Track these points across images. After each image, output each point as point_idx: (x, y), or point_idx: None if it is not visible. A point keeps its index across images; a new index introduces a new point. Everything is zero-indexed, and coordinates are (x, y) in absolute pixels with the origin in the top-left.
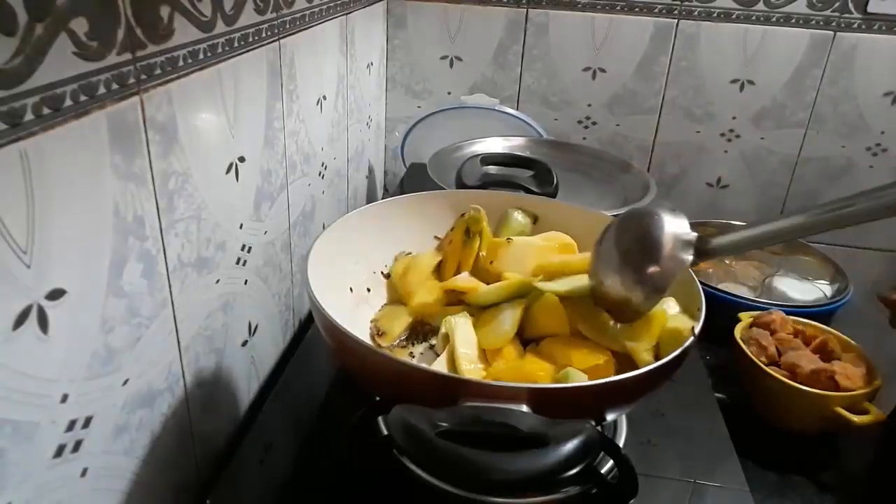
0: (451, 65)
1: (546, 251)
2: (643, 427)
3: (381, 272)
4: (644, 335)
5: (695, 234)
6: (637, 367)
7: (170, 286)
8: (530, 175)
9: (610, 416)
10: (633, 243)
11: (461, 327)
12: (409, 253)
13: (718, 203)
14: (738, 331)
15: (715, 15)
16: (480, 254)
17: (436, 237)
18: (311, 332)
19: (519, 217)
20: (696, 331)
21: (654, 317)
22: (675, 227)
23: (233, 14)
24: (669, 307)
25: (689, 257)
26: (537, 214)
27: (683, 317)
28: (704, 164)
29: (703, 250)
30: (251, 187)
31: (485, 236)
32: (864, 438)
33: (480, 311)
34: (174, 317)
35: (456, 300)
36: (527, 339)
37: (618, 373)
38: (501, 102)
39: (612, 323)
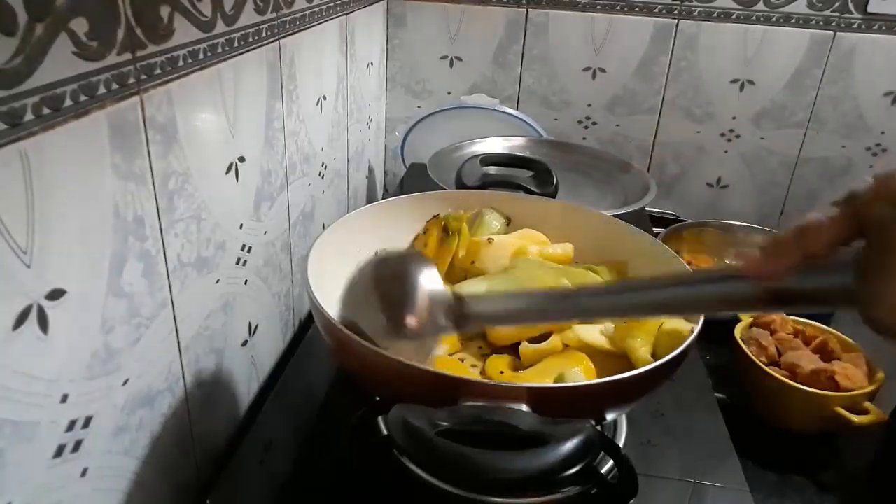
0: (451, 65)
1: (526, 250)
2: (643, 427)
3: None
4: (640, 332)
5: (451, 298)
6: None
7: (170, 286)
8: (530, 175)
9: (610, 416)
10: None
11: None
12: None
13: (718, 203)
14: (738, 331)
15: (715, 15)
16: (459, 254)
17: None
18: (311, 332)
19: (494, 221)
20: (696, 330)
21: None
22: (429, 284)
23: (233, 14)
24: None
25: (448, 326)
26: (510, 216)
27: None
28: (704, 164)
29: (461, 317)
30: (251, 187)
31: (463, 236)
32: (864, 438)
33: None
34: (174, 317)
35: None
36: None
37: (615, 373)
38: (501, 102)
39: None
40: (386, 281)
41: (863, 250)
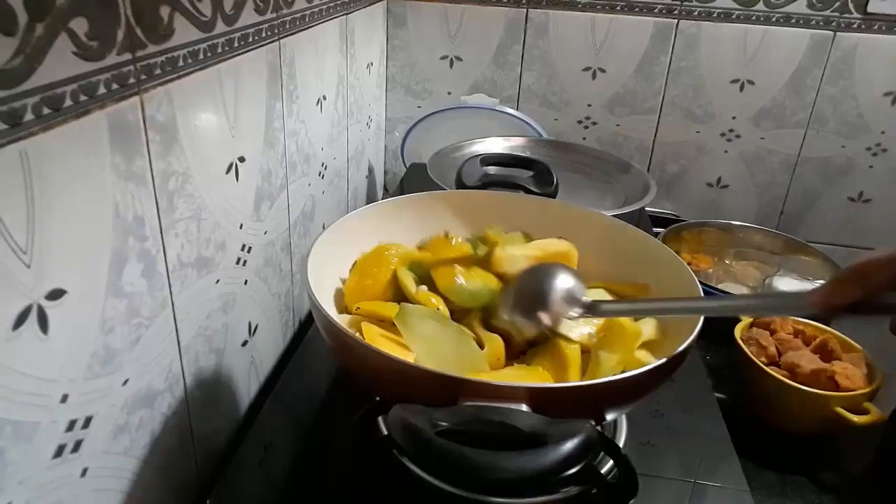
0: (451, 65)
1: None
2: (643, 427)
3: None
4: (618, 348)
5: (588, 299)
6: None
7: (170, 286)
8: (530, 175)
9: (610, 416)
10: (535, 288)
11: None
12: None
13: (718, 203)
14: (738, 331)
15: (715, 15)
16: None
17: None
18: (311, 332)
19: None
20: (696, 330)
21: (629, 331)
22: (570, 285)
23: (233, 14)
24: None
25: (575, 313)
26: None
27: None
28: (704, 164)
29: (590, 308)
30: (251, 187)
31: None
32: (864, 438)
33: None
34: (174, 317)
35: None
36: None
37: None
38: (501, 102)
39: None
40: (530, 280)
41: None
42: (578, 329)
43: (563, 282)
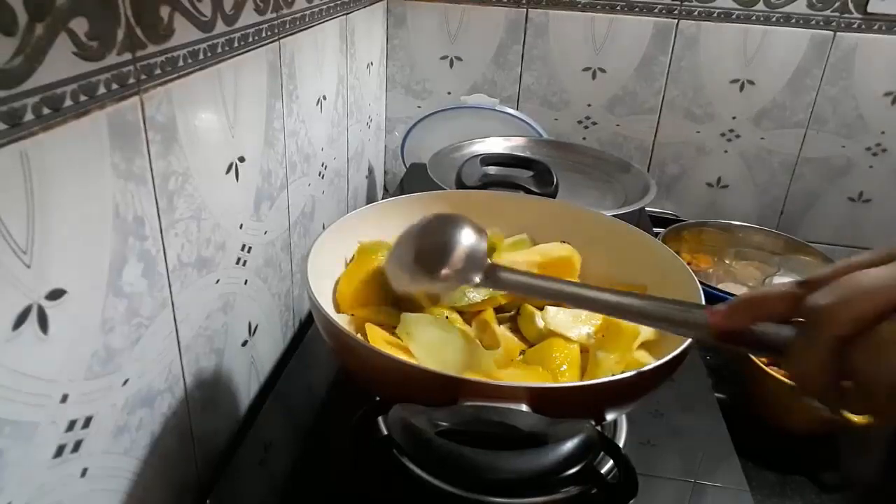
0: (451, 65)
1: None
2: (643, 427)
3: None
4: (616, 348)
5: (489, 262)
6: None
7: (170, 286)
8: (530, 175)
9: (610, 416)
10: (435, 243)
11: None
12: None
13: (718, 203)
14: None
15: (715, 15)
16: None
17: None
18: (311, 332)
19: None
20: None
21: (626, 331)
22: (474, 243)
23: (233, 14)
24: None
25: (477, 278)
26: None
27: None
28: (704, 164)
29: (491, 277)
30: (251, 187)
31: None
32: (864, 438)
33: None
34: (174, 317)
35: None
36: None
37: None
38: (501, 102)
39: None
40: (432, 232)
41: (796, 330)
42: (577, 329)
43: (467, 237)
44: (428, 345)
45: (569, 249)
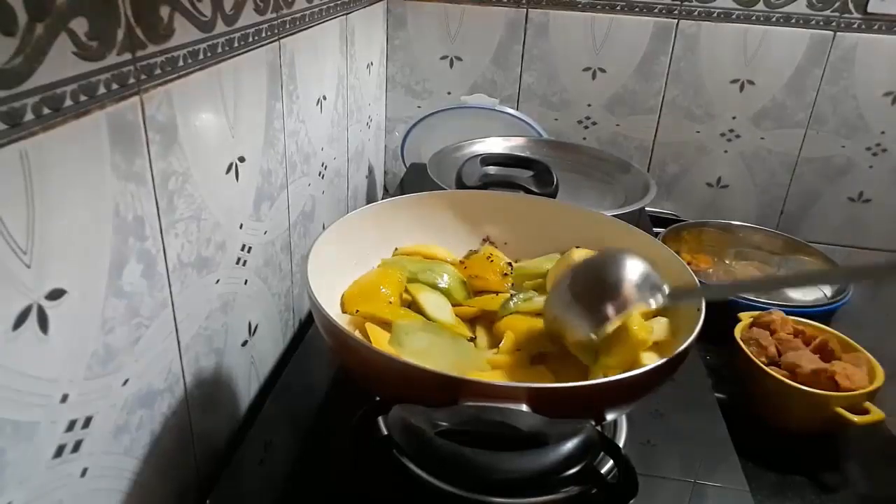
0: (451, 65)
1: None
2: (643, 427)
3: None
4: (617, 353)
5: (666, 286)
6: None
7: (170, 286)
8: (530, 175)
9: (610, 416)
10: (595, 282)
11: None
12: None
13: (718, 203)
14: (738, 331)
15: (715, 15)
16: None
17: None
18: (311, 332)
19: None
20: (697, 330)
21: (633, 338)
22: (642, 269)
23: (233, 14)
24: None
25: (654, 302)
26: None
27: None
28: (704, 164)
29: (677, 294)
30: (251, 187)
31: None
32: (864, 438)
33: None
34: (174, 317)
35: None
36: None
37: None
38: (501, 102)
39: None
40: (587, 277)
41: None
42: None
43: (634, 268)
44: (418, 351)
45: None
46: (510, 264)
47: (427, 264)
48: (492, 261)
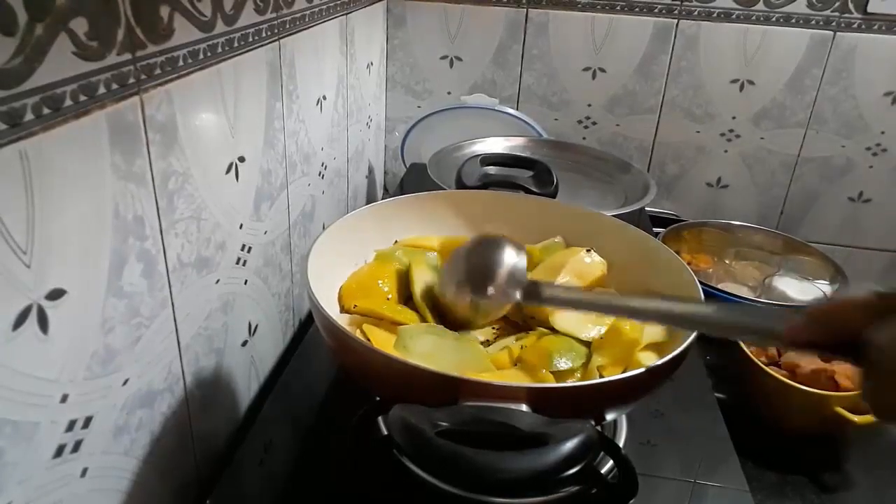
0: (451, 65)
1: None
2: (643, 427)
3: None
4: (609, 353)
5: (528, 280)
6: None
7: (170, 286)
8: (530, 175)
9: (610, 416)
10: (480, 265)
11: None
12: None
13: (718, 203)
14: None
15: (715, 15)
16: None
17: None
18: (311, 332)
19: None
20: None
21: (626, 337)
22: (515, 261)
23: (233, 14)
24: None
25: (517, 296)
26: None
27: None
28: (704, 164)
29: (532, 294)
30: (251, 187)
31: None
32: (864, 438)
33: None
34: (174, 317)
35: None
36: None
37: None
38: (501, 102)
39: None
40: (478, 253)
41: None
42: (587, 331)
43: (510, 257)
44: (424, 354)
45: (601, 267)
46: None
47: (422, 252)
48: None
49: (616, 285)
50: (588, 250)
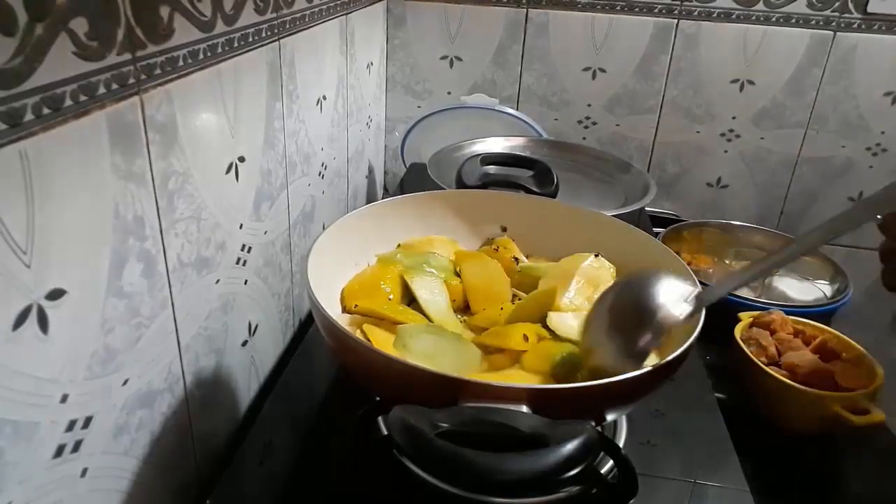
0: (451, 65)
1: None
2: (643, 427)
3: None
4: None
5: (697, 289)
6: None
7: (170, 286)
8: (530, 175)
9: (610, 416)
10: (631, 312)
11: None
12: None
13: (718, 203)
14: (738, 331)
15: (715, 15)
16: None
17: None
18: (311, 332)
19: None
20: (697, 330)
21: None
22: (673, 290)
23: (233, 14)
24: None
25: (687, 310)
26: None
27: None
28: (704, 164)
29: (701, 300)
30: (251, 187)
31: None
32: (865, 438)
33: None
34: (174, 317)
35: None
36: None
37: None
38: (501, 102)
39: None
40: (621, 305)
41: None
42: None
43: (667, 287)
44: (423, 354)
45: (609, 272)
46: (516, 259)
47: (422, 256)
48: (497, 250)
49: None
50: (596, 255)
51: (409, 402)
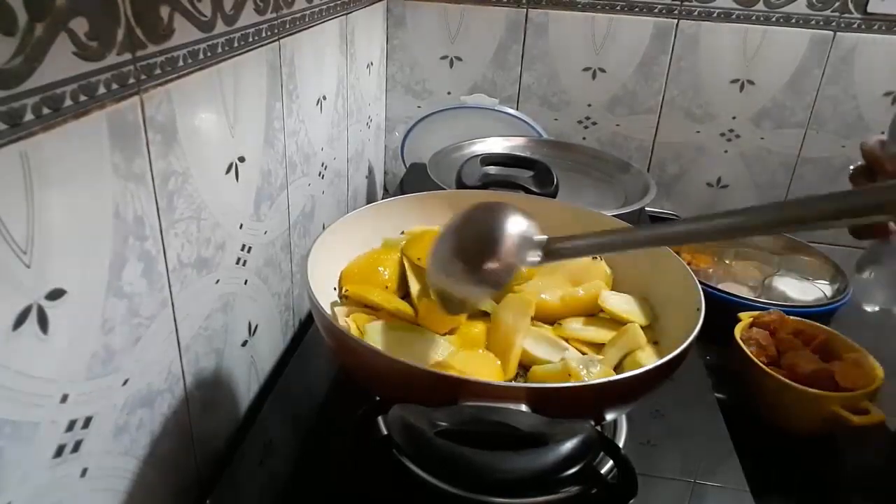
0: (451, 65)
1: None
2: (643, 427)
3: None
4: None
5: (544, 237)
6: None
7: (170, 286)
8: (530, 175)
9: (610, 416)
10: (475, 237)
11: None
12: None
13: (718, 203)
14: (738, 331)
15: (715, 15)
16: None
17: None
18: (311, 332)
19: None
20: (696, 330)
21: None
22: (521, 225)
23: (233, 14)
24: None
25: (536, 258)
26: None
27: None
28: (704, 164)
29: (553, 252)
30: (251, 187)
31: None
32: (864, 438)
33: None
34: (174, 317)
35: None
36: None
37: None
38: (501, 102)
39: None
40: (470, 228)
41: None
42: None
43: (515, 223)
44: (394, 349)
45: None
46: None
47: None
48: None
49: (615, 285)
50: (594, 257)
51: (409, 402)
